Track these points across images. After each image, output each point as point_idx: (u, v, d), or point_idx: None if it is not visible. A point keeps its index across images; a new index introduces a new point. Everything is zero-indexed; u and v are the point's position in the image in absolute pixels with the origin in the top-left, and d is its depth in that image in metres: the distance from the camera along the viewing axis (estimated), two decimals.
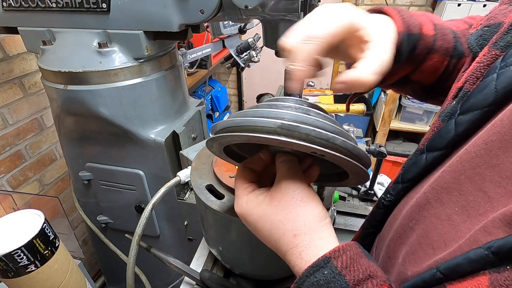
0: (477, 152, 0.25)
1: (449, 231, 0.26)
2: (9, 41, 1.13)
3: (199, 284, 0.62)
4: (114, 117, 0.79)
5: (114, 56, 0.74)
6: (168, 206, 0.96)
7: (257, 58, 1.28)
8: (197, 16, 0.66)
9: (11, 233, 0.65)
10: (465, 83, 0.30)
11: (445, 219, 0.27)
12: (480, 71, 0.29)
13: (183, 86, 0.94)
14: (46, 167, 1.37)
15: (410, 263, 0.29)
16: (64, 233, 0.91)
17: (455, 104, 0.31)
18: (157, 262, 0.65)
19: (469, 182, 0.26)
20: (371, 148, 0.95)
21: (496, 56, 0.28)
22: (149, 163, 0.89)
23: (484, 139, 0.25)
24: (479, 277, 0.21)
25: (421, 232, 0.30)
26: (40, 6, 0.72)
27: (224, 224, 0.51)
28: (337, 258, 0.28)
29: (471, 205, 0.25)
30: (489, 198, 0.24)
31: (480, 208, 0.24)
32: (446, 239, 0.26)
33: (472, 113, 0.28)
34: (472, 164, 0.26)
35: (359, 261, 0.28)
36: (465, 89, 0.30)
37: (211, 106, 2.72)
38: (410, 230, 0.31)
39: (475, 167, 0.25)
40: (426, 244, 0.28)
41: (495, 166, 0.24)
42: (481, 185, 0.24)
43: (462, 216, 0.26)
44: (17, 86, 1.19)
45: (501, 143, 0.23)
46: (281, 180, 0.33)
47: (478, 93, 0.28)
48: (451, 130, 0.30)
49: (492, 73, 0.27)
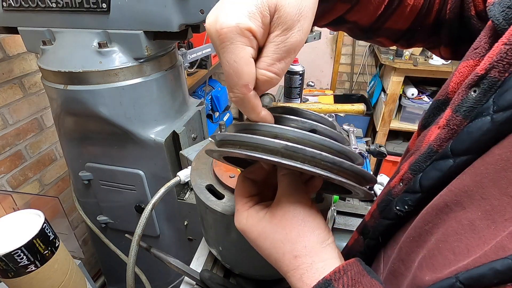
0: (502, 154, 0.23)
1: (472, 236, 0.24)
2: (9, 41, 1.13)
3: (199, 284, 0.62)
4: (114, 117, 0.79)
5: (114, 56, 0.74)
6: (168, 206, 0.96)
7: None
8: (197, 16, 0.66)
9: (11, 233, 0.65)
10: (490, 70, 0.24)
11: (467, 224, 0.25)
12: None
13: (183, 86, 0.94)
14: (46, 167, 1.37)
15: (428, 267, 0.27)
16: (64, 233, 0.91)
17: (479, 96, 0.25)
18: (157, 262, 0.65)
19: (494, 185, 0.23)
20: (371, 148, 0.95)
21: None
22: (149, 163, 0.89)
23: (510, 139, 0.23)
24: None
25: (440, 236, 0.27)
26: (40, 6, 0.72)
27: (224, 224, 0.51)
28: (338, 280, 0.26)
29: (496, 210, 0.23)
30: None
31: (506, 213, 0.22)
32: (469, 245, 0.24)
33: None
34: (496, 167, 0.23)
35: (361, 280, 0.27)
36: (493, 78, 0.24)
37: (211, 106, 2.72)
38: (427, 234, 0.29)
39: (501, 170, 0.23)
40: (446, 249, 0.26)
41: None
42: (506, 189, 0.22)
43: (486, 222, 0.24)
44: (17, 86, 1.19)
45: None
46: (282, 196, 0.32)
47: None
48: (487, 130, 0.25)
49: None
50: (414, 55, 2.29)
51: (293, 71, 1.39)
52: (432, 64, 2.18)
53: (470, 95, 0.26)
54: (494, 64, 0.24)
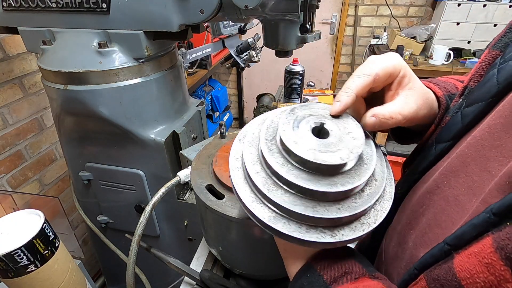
0: (481, 136, 0.28)
1: (456, 211, 0.28)
2: (9, 41, 1.13)
3: (199, 284, 0.62)
4: (114, 117, 0.79)
5: (114, 56, 0.74)
6: (168, 206, 0.96)
7: (257, 58, 1.28)
8: (197, 16, 0.66)
9: (11, 233, 0.65)
10: (470, 82, 0.33)
11: (452, 200, 0.29)
12: (483, 70, 0.32)
13: (183, 86, 0.94)
14: (46, 167, 1.37)
15: (421, 245, 0.31)
16: (64, 233, 0.91)
17: (461, 101, 0.34)
18: (157, 262, 0.65)
19: (475, 163, 0.28)
20: None
21: (496, 55, 0.31)
22: (149, 163, 0.89)
23: (488, 124, 0.28)
24: (484, 240, 0.22)
25: (430, 215, 0.31)
26: (40, 6, 0.72)
27: (224, 224, 0.51)
28: (318, 262, 0.31)
29: (477, 185, 0.27)
30: (492, 176, 0.25)
31: (484, 186, 0.26)
32: (453, 219, 0.28)
33: (477, 105, 0.31)
34: (477, 147, 0.28)
35: (337, 261, 0.31)
36: (470, 87, 0.33)
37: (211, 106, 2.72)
38: (420, 216, 0.33)
39: (480, 149, 0.27)
40: (435, 225, 0.30)
41: (498, 146, 0.26)
42: (485, 165, 0.27)
43: (468, 196, 0.27)
44: (17, 86, 1.19)
45: (503, 125, 0.26)
46: None
47: (481, 86, 0.31)
48: (458, 122, 0.33)
49: (493, 69, 0.30)
50: (414, 55, 2.29)
51: (293, 71, 1.39)
52: (432, 64, 2.18)
53: (458, 102, 0.35)
54: (472, 77, 0.33)
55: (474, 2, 2.09)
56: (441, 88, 0.39)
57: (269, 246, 0.34)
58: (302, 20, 0.72)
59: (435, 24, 2.27)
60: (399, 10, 2.53)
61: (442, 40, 2.24)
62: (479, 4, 2.09)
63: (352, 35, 2.71)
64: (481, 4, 2.09)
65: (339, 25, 2.71)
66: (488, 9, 2.09)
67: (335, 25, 2.73)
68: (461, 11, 2.13)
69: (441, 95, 0.38)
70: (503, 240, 0.21)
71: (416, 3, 2.48)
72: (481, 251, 0.22)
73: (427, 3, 2.45)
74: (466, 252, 0.24)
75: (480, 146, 0.28)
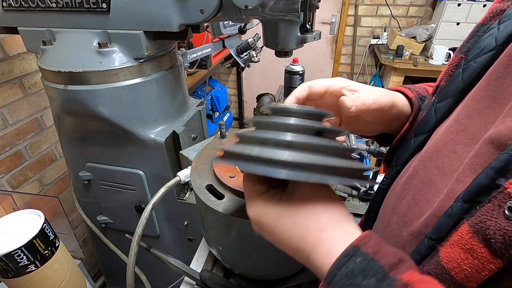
0: (450, 123, 0.33)
1: (430, 190, 0.32)
2: (9, 41, 1.13)
3: (199, 284, 0.62)
4: (114, 117, 0.79)
5: (114, 56, 0.74)
6: (168, 206, 0.96)
7: (257, 58, 1.28)
8: (197, 16, 0.66)
9: (11, 233, 0.65)
10: (441, 81, 0.39)
11: (427, 181, 0.33)
12: (451, 70, 0.37)
13: (183, 86, 0.94)
14: (46, 167, 1.37)
15: (403, 225, 0.34)
16: (64, 233, 0.91)
17: (434, 98, 0.39)
18: (157, 262, 0.65)
19: (444, 147, 0.32)
20: (371, 148, 0.95)
21: (461, 58, 0.36)
22: (149, 163, 0.89)
23: (456, 114, 0.33)
24: (461, 227, 0.24)
25: (409, 197, 0.35)
26: (40, 6, 0.72)
27: (224, 224, 0.51)
28: (366, 245, 0.26)
29: (446, 165, 0.31)
30: (459, 157, 0.30)
31: (452, 166, 0.30)
32: (428, 197, 0.32)
33: (447, 100, 0.36)
34: (446, 133, 0.33)
35: (385, 246, 0.26)
36: (441, 86, 0.38)
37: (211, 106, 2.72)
38: (401, 199, 0.36)
39: (449, 134, 0.32)
40: (413, 205, 0.33)
41: (463, 130, 0.30)
42: (453, 148, 0.31)
43: (439, 176, 0.31)
44: (17, 86, 1.19)
45: (467, 113, 0.31)
46: None
47: (450, 85, 0.36)
48: (432, 117, 0.38)
49: (458, 69, 0.36)
50: (414, 55, 2.29)
51: (293, 71, 1.39)
52: (432, 64, 2.18)
53: (431, 99, 0.40)
54: (442, 77, 0.39)
55: (474, 2, 2.09)
56: (412, 91, 0.44)
57: (269, 246, 0.33)
58: (302, 20, 0.72)
59: (435, 24, 2.27)
60: (399, 10, 2.53)
61: (442, 40, 2.24)
62: (479, 4, 2.09)
63: (352, 35, 2.71)
64: (481, 4, 2.09)
65: (339, 25, 2.71)
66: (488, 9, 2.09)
67: (335, 25, 2.73)
68: (461, 11, 2.13)
69: (413, 96, 0.43)
70: (477, 224, 0.23)
71: (416, 3, 2.48)
72: (461, 239, 0.24)
73: (427, 3, 2.45)
74: (448, 243, 0.25)
75: (449, 132, 0.32)
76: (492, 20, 0.35)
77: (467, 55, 0.35)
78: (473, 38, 0.36)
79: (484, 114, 0.29)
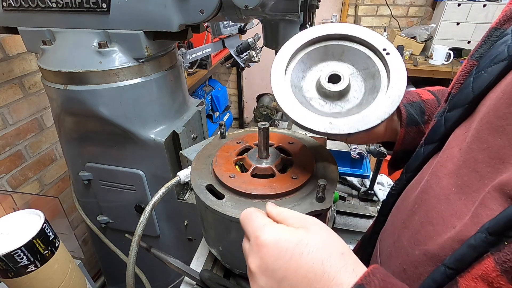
0: (470, 140, 0.31)
1: (446, 208, 0.30)
2: (9, 41, 1.13)
3: (199, 284, 0.62)
4: (114, 117, 0.79)
5: (114, 56, 0.74)
6: (168, 206, 0.96)
7: (257, 58, 1.28)
8: (197, 16, 0.66)
9: (11, 233, 0.65)
10: (453, 88, 0.38)
11: (443, 199, 0.31)
12: (463, 77, 0.36)
13: (183, 86, 0.94)
14: (46, 167, 1.37)
15: (416, 243, 0.32)
16: (64, 233, 0.91)
17: (445, 106, 0.38)
18: (157, 262, 0.65)
19: (464, 165, 0.31)
20: (371, 148, 0.95)
21: (473, 65, 0.35)
22: (149, 163, 0.89)
23: (476, 130, 0.31)
24: (485, 261, 0.23)
25: (422, 213, 0.34)
26: (40, 6, 0.72)
27: (224, 224, 0.51)
28: (370, 283, 0.26)
29: (466, 184, 0.29)
30: (481, 177, 0.28)
31: (473, 186, 0.28)
32: (443, 216, 0.30)
33: (456, 110, 0.35)
34: (467, 150, 0.31)
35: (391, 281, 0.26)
36: (452, 93, 0.37)
37: (211, 106, 2.72)
38: (413, 214, 0.35)
39: (469, 152, 0.30)
40: (426, 223, 0.32)
41: (485, 149, 0.29)
42: (474, 167, 0.29)
43: (458, 195, 0.30)
44: (17, 86, 1.19)
45: (489, 130, 0.29)
46: None
47: (460, 93, 0.35)
48: (441, 126, 0.37)
49: (470, 77, 0.34)
50: (414, 55, 2.29)
51: None
52: (432, 64, 2.18)
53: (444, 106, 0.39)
54: (454, 84, 0.38)
55: (474, 2, 2.09)
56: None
57: None
58: (302, 20, 0.72)
59: (435, 24, 2.27)
60: (399, 10, 2.53)
61: (442, 40, 2.24)
62: (479, 4, 2.09)
63: None
64: (481, 4, 2.09)
65: None
66: (488, 9, 2.09)
67: None
68: (461, 11, 2.13)
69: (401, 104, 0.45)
70: (505, 262, 0.21)
71: (416, 3, 2.48)
72: (485, 274, 0.22)
73: (427, 3, 2.45)
74: (469, 275, 0.24)
75: (469, 149, 0.30)
76: (507, 24, 0.33)
77: (479, 62, 0.34)
78: (486, 44, 0.35)
79: (508, 133, 0.27)
